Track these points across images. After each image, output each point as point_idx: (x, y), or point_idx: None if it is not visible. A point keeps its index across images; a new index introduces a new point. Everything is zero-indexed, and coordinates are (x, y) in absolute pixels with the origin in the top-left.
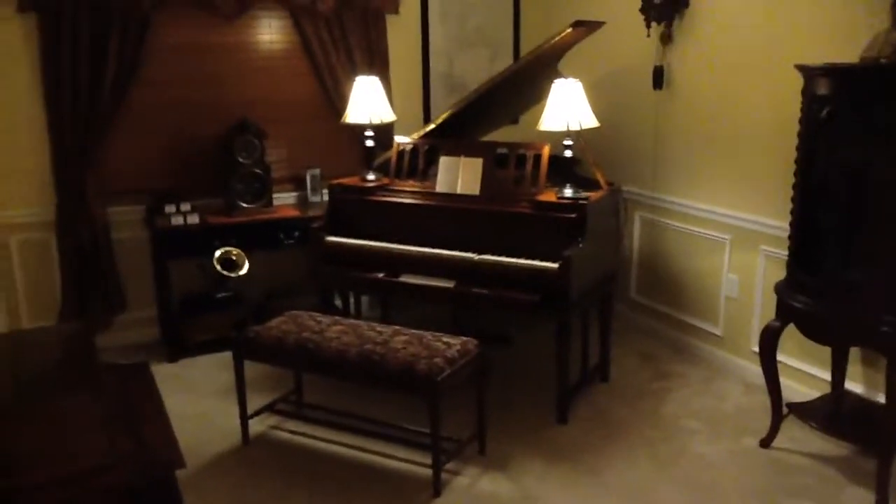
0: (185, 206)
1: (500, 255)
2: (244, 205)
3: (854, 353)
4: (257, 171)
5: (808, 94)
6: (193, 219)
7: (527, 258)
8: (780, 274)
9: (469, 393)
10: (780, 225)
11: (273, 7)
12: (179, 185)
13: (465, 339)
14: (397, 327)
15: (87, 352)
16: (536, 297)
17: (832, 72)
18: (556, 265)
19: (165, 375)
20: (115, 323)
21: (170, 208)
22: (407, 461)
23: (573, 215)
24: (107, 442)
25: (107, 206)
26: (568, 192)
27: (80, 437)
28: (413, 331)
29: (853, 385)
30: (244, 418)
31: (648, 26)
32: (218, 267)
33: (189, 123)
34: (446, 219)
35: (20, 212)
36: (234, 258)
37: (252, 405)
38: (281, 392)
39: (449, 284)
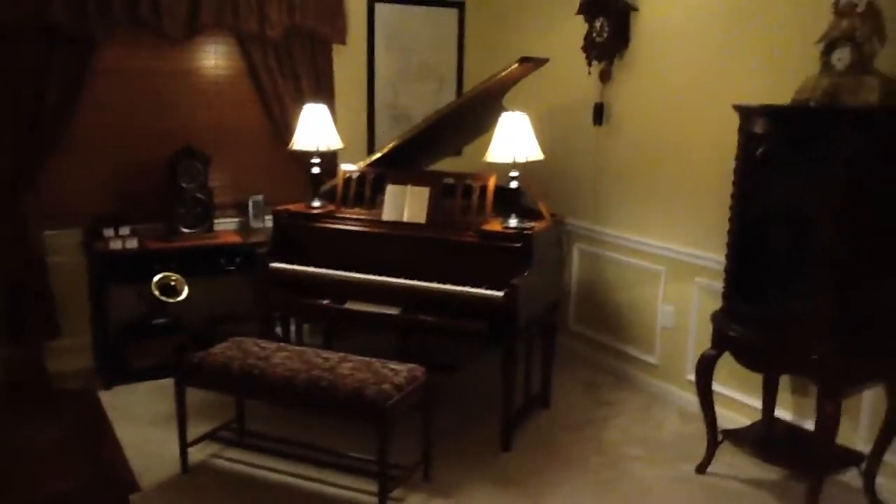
0: (125, 231)
1: (446, 283)
2: (185, 230)
3: (783, 381)
4: (200, 196)
5: (744, 132)
6: (132, 243)
7: (473, 286)
8: (714, 305)
9: (412, 420)
10: (713, 257)
11: (221, 33)
12: (121, 209)
13: (412, 365)
14: (343, 354)
15: (40, 377)
16: (483, 325)
17: (768, 112)
18: (501, 294)
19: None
20: (46, 349)
21: (108, 232)
22: (351, 489)
23: (518, 245)
24: (67, 468)
25: (44, 228)
26: (513, 222)
27: (40, 463)
28: (360, 357)
29: (783, 412)
30: (184, 446)
31: (590, 64)
32: (156, 292)
33: (132, 148)
34: (393, 246)
35: None
36: (172, 284)
37: (192, 433)
38: (221, 420)
39: (395, 311)
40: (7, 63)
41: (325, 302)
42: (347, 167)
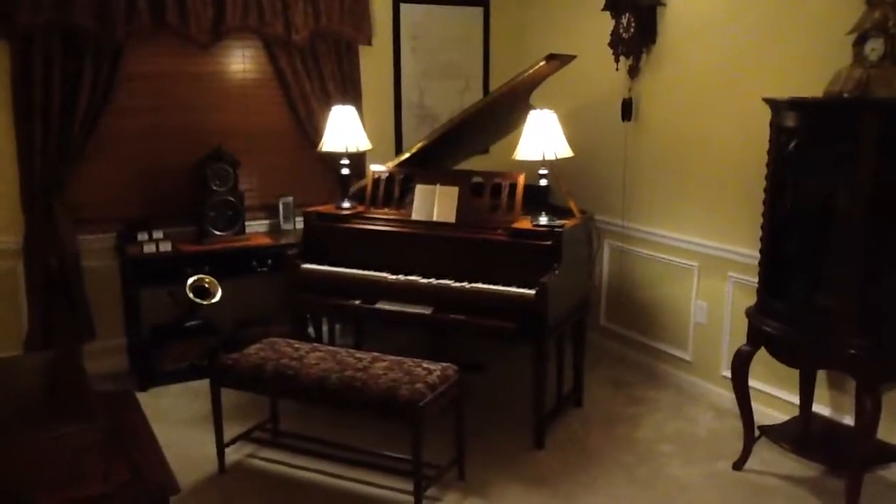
0: (158, 234)
1: (476, 282)
2: (217, 232)
3: (820, 375)
4: (230, 199)
5: (775, 126)
6: (166, 246)
7: (503, 285)
8: (748, 300)
9: (445, 419)
10: (747, 252)
11: (247, 37)
12: (151, 213)
13: (445, 364)
14: (376, 354)
15: (78, 378)
16: (513, 324)
17: (799, 105)
18: (532, 292)
19: None
20: (83, 352)
21: (142, 236)
22: (386, 488)
23: (548, 243)
24: (104, 469)
25: (77, 233)
26: (543, 219)
27: (78, 464)
28: (392, 357)
29: (820, 407)
30: (220, 446)
31: (617, 60)
32: (190, 295)
33: (162, 152)
34: (422, 246)
35: None
36: (206, 286)
37: (227, 434)
38: (255, 420)
39: (426, 311)
40: (39, 70)
41: (356, 302)
42: (376, 168)
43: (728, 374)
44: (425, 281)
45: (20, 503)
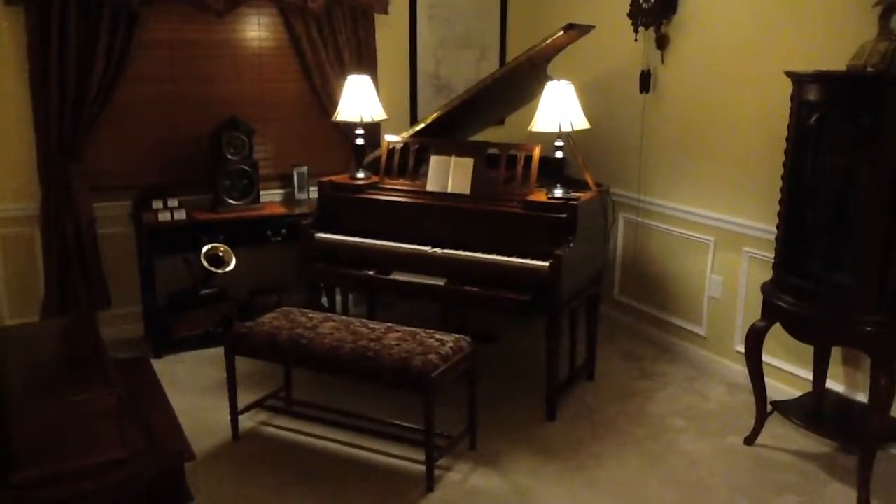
0: (173, 202)
1: (490, 253)
2: (231, 201)
3: (834, 352)
4: (245, 167)
5: (797, 100)
6: (181, 215)
7: (517, 257)
8: (764, 275)
9: (457, 390)
10: (763, 227)
11: (263, 4)
12: (166, 181)
13: (457, 336)
14: (390, 324)
15: (95, 345)
16: (526, 296)
17: (822, 79)
18: (546, 264)
19: None
20: (98, 319)
21: (157, 204)
22: (398, 457)
23: (563, 215)
24: (121, 435)
25: (92, 201)
26: (558, 192)
27: (95, 430)
28: (406, 328)
29: (833, 384)
30: (234, 414)
31: (636, 31)
32: (205, 263)
33: (177, 119)
34: (437, 217)
35: (3, 206)
36: (220, 254)
37: (240, 402)
38: (269, 389)
39: (440, 282)
40: (55, 36)
41: (371, 272)
42: (391, 138)
43: (741, 349)
44: (439, 252)
45: (37, 467)
